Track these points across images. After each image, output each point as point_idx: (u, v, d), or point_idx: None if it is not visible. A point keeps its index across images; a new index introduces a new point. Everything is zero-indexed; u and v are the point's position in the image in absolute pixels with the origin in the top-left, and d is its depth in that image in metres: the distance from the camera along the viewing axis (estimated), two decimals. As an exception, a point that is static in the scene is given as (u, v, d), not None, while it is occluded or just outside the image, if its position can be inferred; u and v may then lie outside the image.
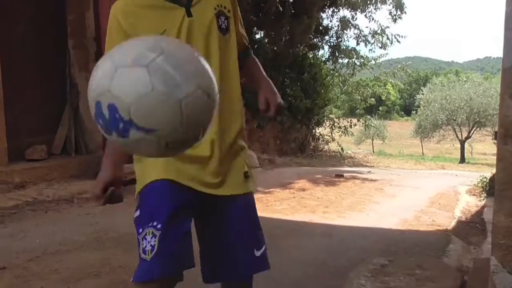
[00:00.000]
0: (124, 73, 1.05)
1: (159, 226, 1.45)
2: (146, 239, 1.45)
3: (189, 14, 1.61)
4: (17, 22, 5.59)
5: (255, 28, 10.73)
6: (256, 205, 2.58)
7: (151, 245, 1.44)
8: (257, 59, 1.90)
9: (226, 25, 1.66)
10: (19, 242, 3.54)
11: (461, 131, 26.83)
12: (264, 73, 1.88)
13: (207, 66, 1.14)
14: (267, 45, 10.37)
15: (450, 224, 4.35)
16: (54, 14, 6.02)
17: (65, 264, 3.08)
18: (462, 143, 26.28)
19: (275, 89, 1.79)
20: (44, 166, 5.38)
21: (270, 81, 1.82)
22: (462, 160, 23.46)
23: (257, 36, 11.09)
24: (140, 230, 1.47)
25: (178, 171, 1.54)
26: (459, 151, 25.80)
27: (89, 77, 1.08)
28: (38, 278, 2.84)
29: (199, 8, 1.62)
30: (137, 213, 1.52)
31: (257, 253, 1.70)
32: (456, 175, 8.93)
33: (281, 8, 10.04)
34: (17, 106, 5.29)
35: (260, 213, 5.01)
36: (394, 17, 12.97)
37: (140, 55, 1.06)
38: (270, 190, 5.63)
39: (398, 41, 13.50)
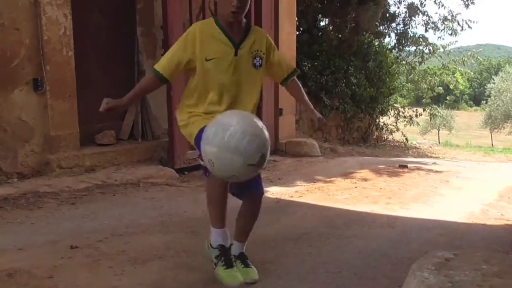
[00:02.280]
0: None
1: None
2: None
3: (236, 54, 2.55)
4: (91, 11, 5.82)
5: (319, 15, 10.59)
6: (317, 194, 2.84)
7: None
8: (297, 81, 2.84)
9: (260, 63, 2.61)
10: (90, 223, 3.73)
11: (535, 122, 25.39)
12: (304, 94, 2.86)
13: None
14: (332, 33, 10.22)
15: (521, 219, 4.14)
16: (124, 2, 6.21)
17: (132, 245, 3.21)
18: (537, 135, 24.88)
19: (312, 107, 2.79)
20: (113, 151, 5.59)
21: (309, 102, 2.82)
22: (537, 153, 22.19)
23: (322, 24, 10.95)
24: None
25: None
26: (533, 143, 24.42)
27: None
28: (107, 258, 2.97)
29: (243, 51, 2.56)
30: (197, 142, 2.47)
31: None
32: (530, 168, 8.45)
33: (346, -5, 9.84)
34: (88, 92, 5.52)
35: (321, 202, 5.02)
36: (466, 2, 12.37)
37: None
38: (332, 179, 5.57)
39: (470, 27, 12.88)
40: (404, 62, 13.24)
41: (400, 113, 12.94)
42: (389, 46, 12.57)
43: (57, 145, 5.07)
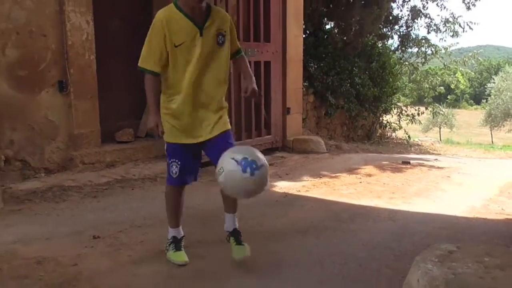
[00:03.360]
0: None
1: (178, 162, 2.68)
2: (172, 166, 2.70)
3: (201, 34, 2.58)
4: (112, 17, 5.87)
5: (325, 19, 10.55)
6: (323, 189, 2.78)
7: (175, 171, 2.70)
8: (245, 57, 2.89)
9: (222, 40, 2.65)
10: (110, 215, 3.77)
11: (534, 120, 25.09)
12: (249, 68, 2.84)
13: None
14: (337, 35, 10.17)
15: (520, 213, 4.11)
16: (142, 8, 6.24)
17: (150, 236, 3.25)
18: (535, 132, 24.58)
19: (254, 80, 2.75)
20: (131, 148, 5.64)
21: (252, 76, 2.80)
22: (534, 149, 21.90)
23: (327, 27, 10.91)
24: (169, 160, 2.72)
25: (181, 136, 2.67)
26: (531, 140, 24.13)
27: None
28: (126, 248, 3.02)
29: (207, 31, 2.59)
30: (167, 150, 2.73)
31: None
32: (528, 164, 8.35)
33: (351, -1, 9.80)
34: (108, 93, 5.57)
35: (327, 196, 5.01)
36: (468, 4, 12.19)
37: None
38: (337, 175, 5.56)
39: (471, 28, 12.69)
40: (406, 63, 13.13)
41: (403, 112, 12.85)
42: (392, 48, 12.48)
43: (80, 142, 5.13)
